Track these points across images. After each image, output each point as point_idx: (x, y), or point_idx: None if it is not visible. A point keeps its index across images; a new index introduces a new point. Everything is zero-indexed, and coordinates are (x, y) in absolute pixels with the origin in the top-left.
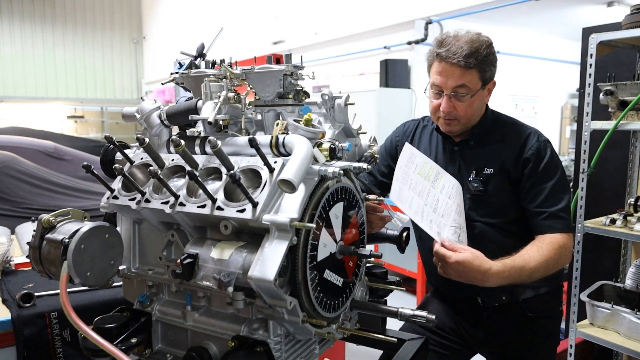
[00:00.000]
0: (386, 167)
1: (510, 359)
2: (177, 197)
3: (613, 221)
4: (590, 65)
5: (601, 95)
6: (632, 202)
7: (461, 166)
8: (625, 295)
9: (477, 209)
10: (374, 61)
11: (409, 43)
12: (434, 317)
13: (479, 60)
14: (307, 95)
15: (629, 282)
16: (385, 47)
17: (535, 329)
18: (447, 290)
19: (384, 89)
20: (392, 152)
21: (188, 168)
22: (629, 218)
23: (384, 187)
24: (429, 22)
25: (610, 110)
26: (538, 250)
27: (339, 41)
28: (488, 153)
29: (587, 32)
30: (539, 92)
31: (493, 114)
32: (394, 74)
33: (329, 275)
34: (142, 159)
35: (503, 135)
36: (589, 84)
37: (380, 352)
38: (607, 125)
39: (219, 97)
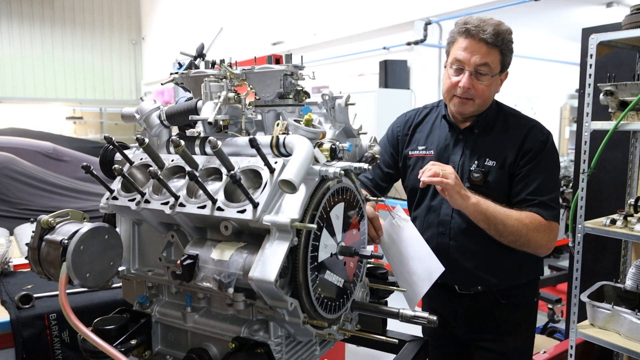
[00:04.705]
0: (390, 157)
1: (490, 346)
2: (177, 197)
3: (613, 222)
4: (590, 65)
5: (601, 96)
6: (632, 203)
7: (464, 155)
8: (625, 295)
9: None
10: (374, 62)
11: (409, 44)
12: (435, 318)
13: (503, 42)
14: (307, 95)
15: (629, 283)
16: (384, 48)
17: (508, 316)
18: None
19: (383, 90)
20: (394, 142)
21: (188, 168)
22: (629, 218)
23: (390, 179)
24: (428, 23)
25: (610, 110)
26: (519, 211)
27: (338, 42)
28: (491, 144)
29: (587, 32)
30: (538, 93)
31: (497, 104)
32: (393, 74)
33: (329, 276)
34: (141, 159)
35: (506, 126)
36: (589, 85)
37: (379, 353)
38: (607, 125)
39: (219, 97)
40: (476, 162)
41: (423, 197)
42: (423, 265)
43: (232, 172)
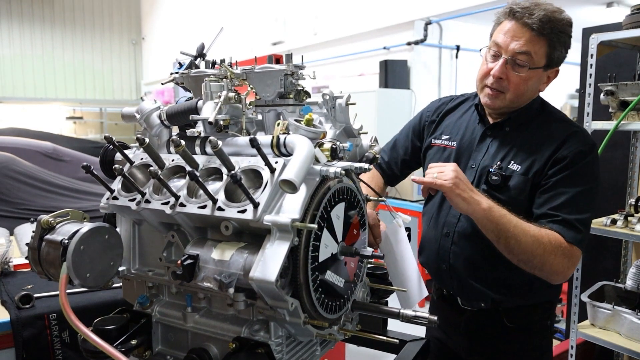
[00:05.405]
0: (410, 142)
1: None
2: (177, 197)
3: (614, 222)
4: (591, 65)
5: (602, 96)
6: (633, 203)
7: (487, 153)
8: (626, 295)
9: None
10: (374, 62)
11: (409, 44)
12: (435, 318)
13: (554, 32)
14: (308, 95)
15: (629, 283)
16: (384, 48)
17: (517, 341)
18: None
19: (383, 90)
20: (418, 128)
21: (188, 168)
22: (629, 218)
23: (404, 166)
24: (428, 23)
25: (610, 110)
26: (538, 228)
27: (338, 42)
28: (521, 145)
29: (587, 32)
30: None
31: (542, 104)
32: (393, 74)
33: (330, 276)
34: (142, 159)
35: (545, 128)
36: (590, 84)
37: (380, 353)
38: (608, 125)
39: (220, 97)
40: (498, 162)
41: (435, 193)
42: (412, 285)
43: (233, 172)
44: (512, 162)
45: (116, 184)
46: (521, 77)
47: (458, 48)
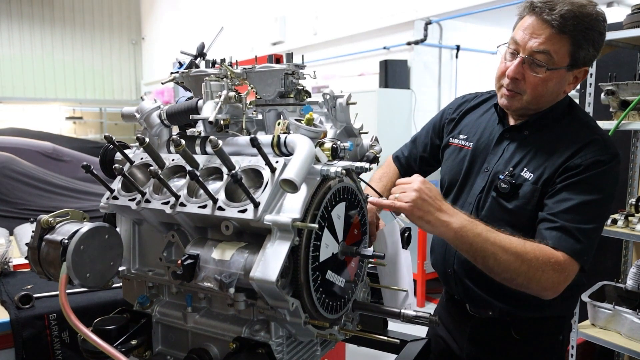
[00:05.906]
0: (430, 140)
1: None
2: (177, 197)
3: (614, 221)
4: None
5: (602, 95)
6: (633, 203)
7: (502, 158)
8: (626, 295)
9: (492, 210)
10: (374, 62)
11: (409, 43)
12: (436, 317)
13: (578, 29)
14: (308, 94)
15: (630, 283)
16: (384, 48)
17: (524, 354)
18: (445, 283)
19: (383, 90)
20: (438, 126)
21: (189, 168)
22: (630, 218)
23: (422, 162)
24: (428, 23)
25: (611, 110)
26: (523, 243)
27: (338, 42)
28: (537, 152)
29: None
30: None
31: (570, 106)
32: (393, 74)
33: (331, 276)
34: (142, 159)
35: (565, 134)
36: (590, 84)
37: (381, 353)
38: (609, 125)
39: (220, 96)
40: (511, 169)
41: (447, 194)
42: (404, 286)
43: (233, 171)
44: (526, 169)
45: (116, 184)
46: (539, 78)
47: (458, 48)
